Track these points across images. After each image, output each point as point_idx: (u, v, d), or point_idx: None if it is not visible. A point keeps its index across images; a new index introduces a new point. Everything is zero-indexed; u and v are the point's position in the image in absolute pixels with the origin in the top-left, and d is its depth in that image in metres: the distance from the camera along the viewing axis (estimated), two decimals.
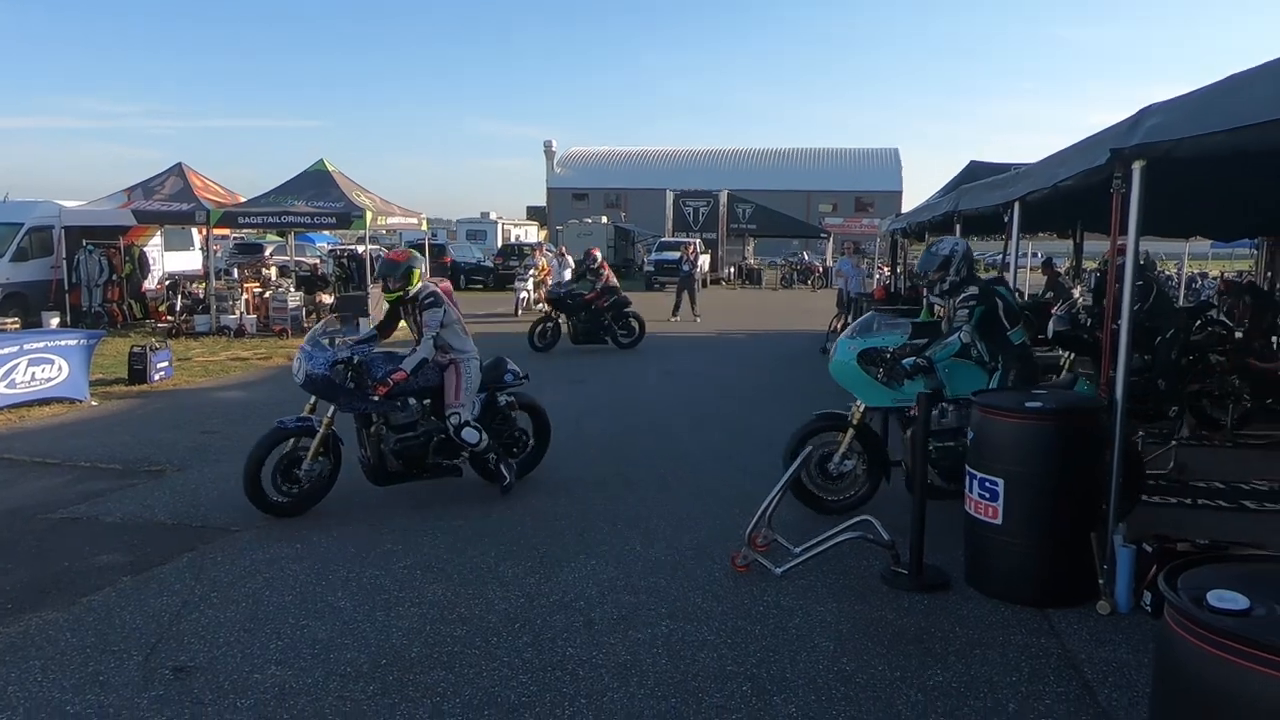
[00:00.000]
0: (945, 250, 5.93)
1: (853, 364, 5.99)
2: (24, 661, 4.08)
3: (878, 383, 5.95)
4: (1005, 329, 5.80)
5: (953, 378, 5.90)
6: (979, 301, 5.72)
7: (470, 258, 33.59)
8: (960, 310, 5.74)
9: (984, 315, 5.75)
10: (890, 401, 6.03)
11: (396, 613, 4.65)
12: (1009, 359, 5.79)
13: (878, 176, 63.80)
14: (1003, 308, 5.78)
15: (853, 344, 6.07)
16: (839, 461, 6.15)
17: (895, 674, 4.02)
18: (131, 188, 18.59)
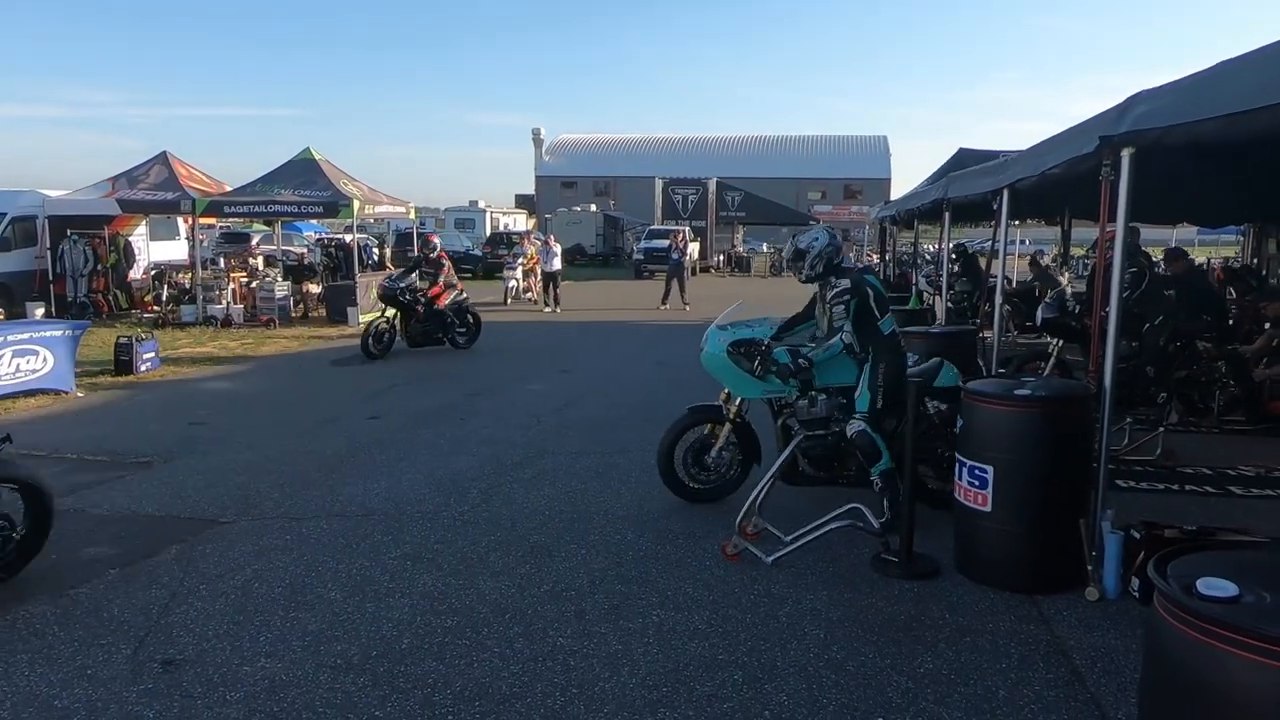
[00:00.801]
0: (803, 244, 5.89)
1: (723, 355, 5.90)
2: (11, 655, 4.05)
3: (749, 374, 5.86)
4: (876, 319, 5.74)
5: (822, 368, 5.83)
6: (852, 294, 5.67)
7: (459, 246, 33.47)
8: (836, 306, 5.71)
9: (857, 307, 5.70)
10: (761, 393, 5.97)
11: (387, 604, 4.64)
12: (880, 349, 5.72)
13: (867, 164, 63.76)
14: (873, 297, 5.73)
15: (722, 335, 5.98)
16: (716, 454, 6.14)
17: (885, 661, 4.04)
18: (116, 177, 18.43)
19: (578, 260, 40.04)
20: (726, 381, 6.03)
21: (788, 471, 5.89)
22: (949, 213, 9.98)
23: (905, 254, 20.10)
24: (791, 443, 5.81)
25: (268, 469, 7.19)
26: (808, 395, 5.84)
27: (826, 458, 5.89)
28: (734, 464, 6.20)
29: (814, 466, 5.94)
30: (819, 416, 5.82)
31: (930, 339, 7.98)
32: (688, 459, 6.16)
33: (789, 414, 5.94)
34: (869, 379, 5.67)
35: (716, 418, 6.15)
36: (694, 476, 6.20)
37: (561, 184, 65.07)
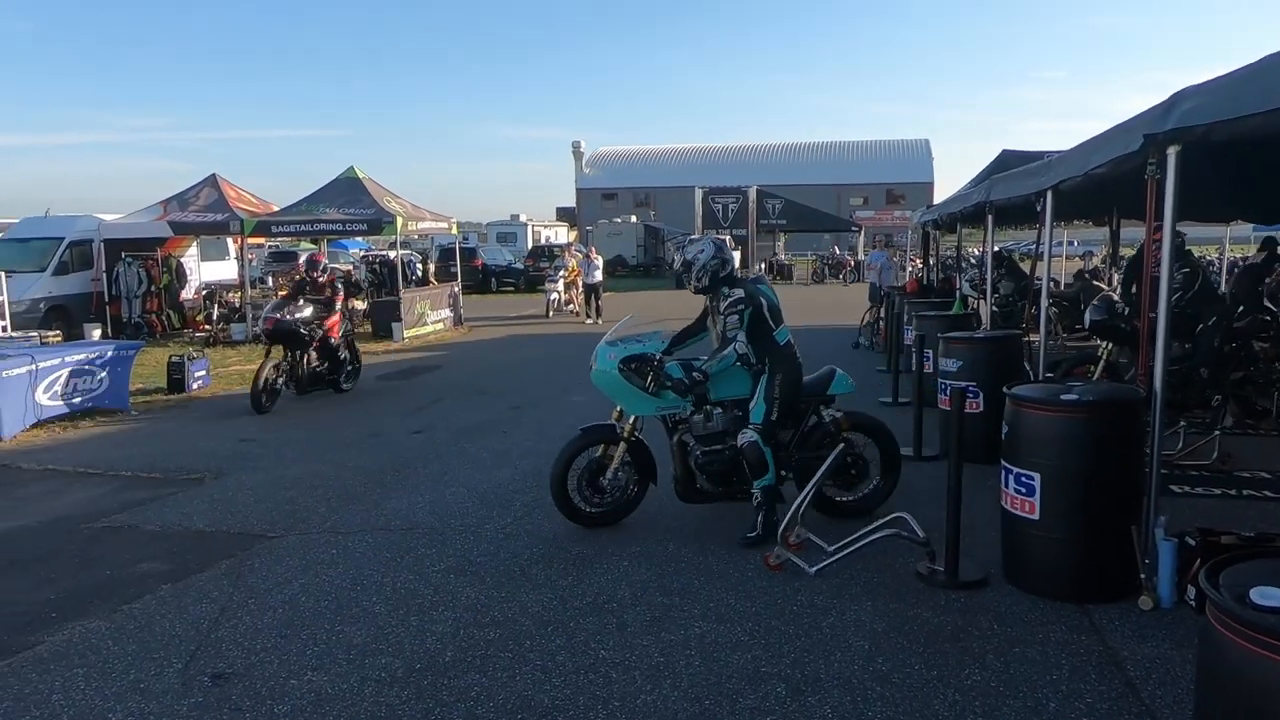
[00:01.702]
0: (690, 255, 5.81)
1: (614, 373, 5.73)
2: (68, 669, 4.15)
3: (642, 391, 5.69)
4: (771, 329, 5.68)
5: (717, 381, 5.73)
6: (746, 304, 5.58)
7: (501, 260, 33.77)
8: (730, 317, 5.58)
9: (751, 317, 5.60)
10: (655, 410, 5.83)
11: (430, 617, 4.67)
12: (776, 360, 5.66)
13: (909, 168, 63.17)
14: (766, 306, 5.66)
15: (612, 351, 5.81)
16: (612, 475, 5.92)
17: (932, 673, 3.97)
18: (167, 199, 18.90)
19: (619, 271, 40.17)
20: (619, 399, 5.86)
21: (684, 489, 5.86)
22: (992, 215, 9.81)
23: (948, 258, 19.83)
24: (686, 458, 5.77)
25: (315, 484, 7.30)
26: (703, 410, 5.75)
27: (725, 473, 5.79)
28: (630, 484, 5.99)
29: (712, 482, 5.83)
30: (715, 431, 5.74)
31: (975, 344, 7.86)
32: (582, 482, 5.90)
33: (684, 430, 5.82)
34: (765, 390, 5.62)
35: (611, 437, 5.92)
36: (589, 500, 5.94)
37: (602, 196, 65.41)
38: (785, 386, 5.64)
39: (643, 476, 6.00)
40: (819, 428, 5.98)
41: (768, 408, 5.60)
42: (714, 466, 5.77)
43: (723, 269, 5.76)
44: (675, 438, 5.86)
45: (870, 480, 6.13)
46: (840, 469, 5.96)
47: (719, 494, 5.88)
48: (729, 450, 5.70)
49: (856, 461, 6.06)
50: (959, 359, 7.59)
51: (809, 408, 5.96)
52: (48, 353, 9.88)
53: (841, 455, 5.65)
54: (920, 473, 7.28)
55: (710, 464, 5.76)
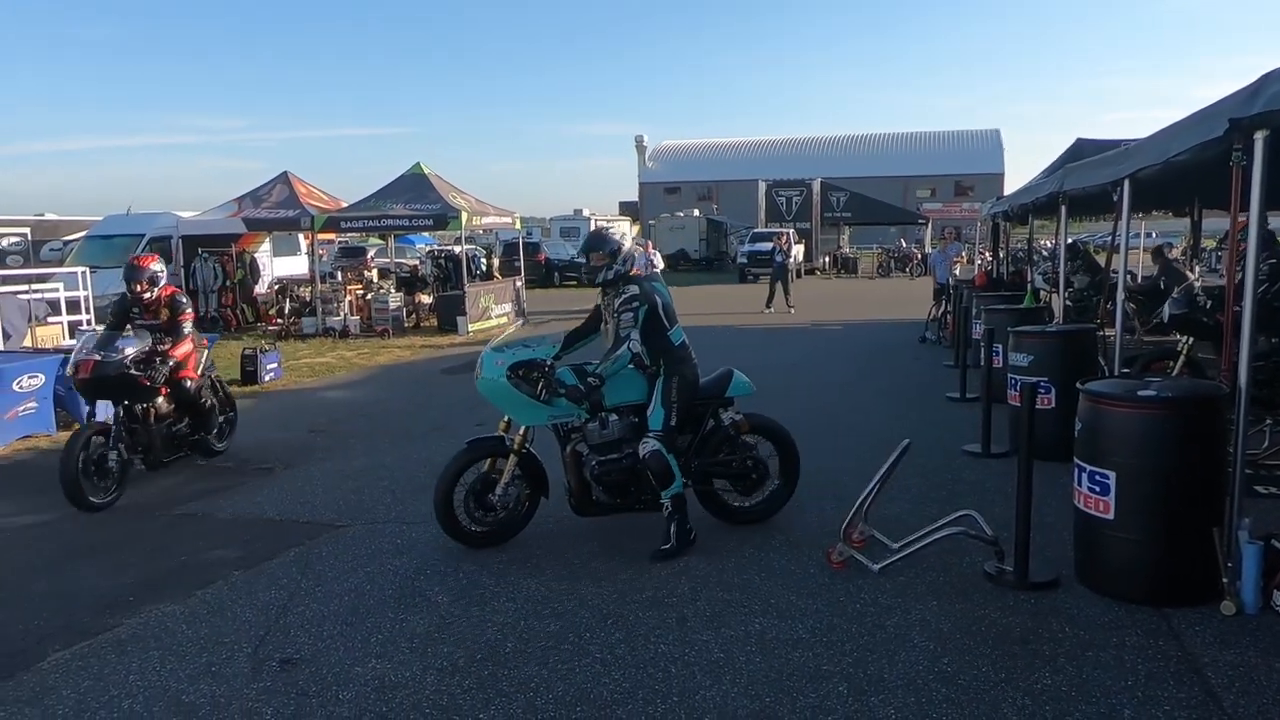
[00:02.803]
0: (618, 236, 5.52)
1: (503, 381, 5.35)
2: (144, 651, 4.28)
3: (532, 400, 5.35)
4: (666, 328, 5.42)
5: (611, 385, 5.41)
6: (641, 301, 5.28)
7: (564, 255, 33.98)
8: (624, 314, 5.27)
9: (646, 314, 5.31)
10: (547, 419, 5.47)
11: (492, 607, 4.71)
12: (671, 361, 5.42)
13: (978, 159, 61.79)
14: (661, 305, 5.39)
15: (500, 358, 5.44)
16: (502, 490, 5.51)
17: (1000, 676, 3.86)
18: (241, 197, 19.43)
19: (681, 266, 40.10)
20: (508, 409, 5.51)
21: (579, 502, 5.55)
22: (1065, 206, 9.52)
23: (1019, 251, 19.34)
24: (581, 469, 5.47)
25: (380, 475, 7.43)
26: (598, 417, 5.43)
27: (623, 483, 5.50)
28: (522, 499, 5.62)
29: (610, 493, 5.53)
30: (611, 439, 5.43)
31: (1047, 338, 7.64)
32: (470, 500, 5.47)
33: (578, 439, 5.50)
34: (661, 394, 5.38)
35: (499, 450, 5.53)
36: (477, 518, 5.52)
37: (665, 190, 65.33)
38: (683, 389, 5.40)
39: (534, 490, 5.64)
40: (718, 431, 5.74)
41: (666, 413, 5.36)
42: (611, 477, 5.45)
43: (626, 262, 5.48)
44: (569, 447, 5.50)
45: (769, 484, 5.89)
46: (741, 474, 5.78)
47: (616, 505, 5.58)
48: (627, 459, 5.41)
49: (757, 466, 5.82)
50: (1030, 353, 7.38)
51: (707, 411, 5.71)
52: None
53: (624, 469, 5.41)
54: (988, 470, 7.12)
55: (607, 474, 5.44)
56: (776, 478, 5.90)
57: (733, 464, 5.77)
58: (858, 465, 6.85)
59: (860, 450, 7.64)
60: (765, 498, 5.90)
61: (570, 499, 5.58)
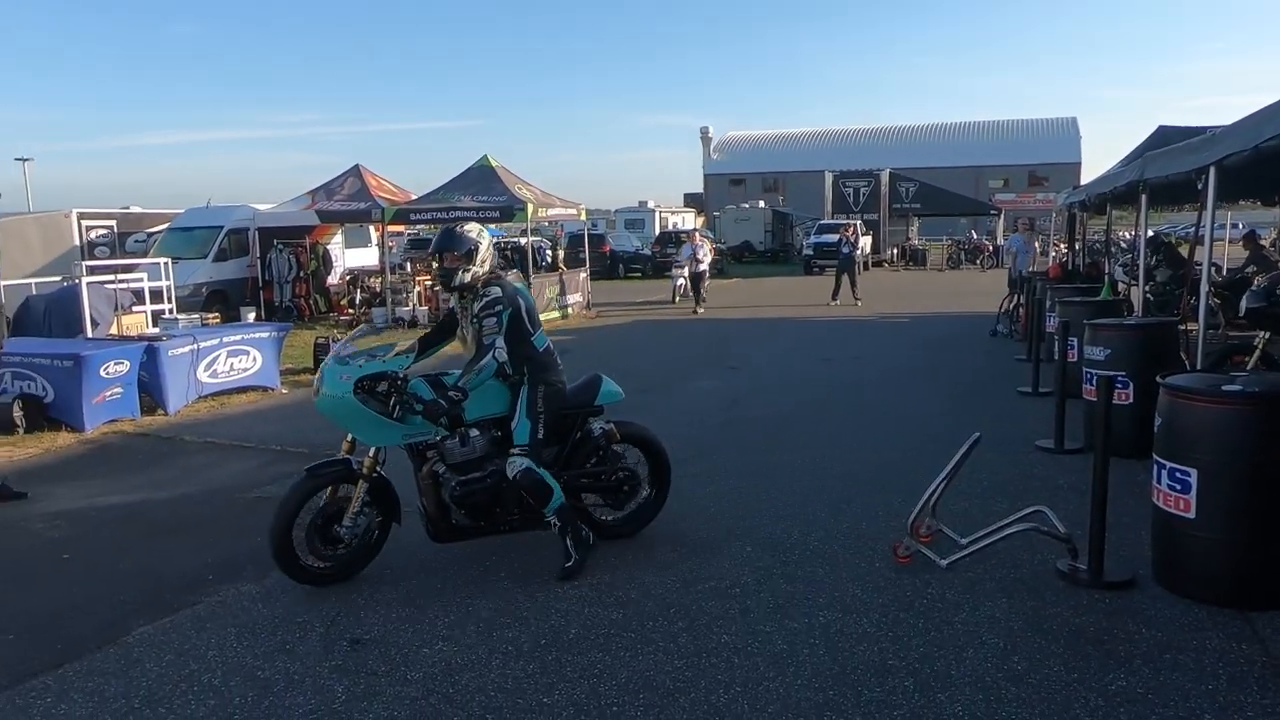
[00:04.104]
0: (473, 235, 4.99)
1: (348, 397, 4.72)
2: (222, 629, 4.43)
3: (383, 417, 4.77)
4: (529, 333, 5.04)
5: (470, 398, 4.89)
6: (505, 304, 4.88)
7: (628, 247, 34.04)
8: (486, 319, 4.83)
9: (511, 319, 4.93)
10: (401, 439, 4.87)
11: (555, 594, 4.76)
12: (537, 369, 5.05)
13: (1054, 148, 60.12)
14: (525, 308, 5.04)
15: (344, 371, 4.80)
16: (351, 521, 4.89)
17: (1072, 676, 3.77)
18: (315, 190, 19.87)
19: (746, 257, 39.85)
20: (355, 430, 4.87)
21: (437, 527, 5.03)
22: (1146, 195, 9.21)
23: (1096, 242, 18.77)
24: (439, 491, 4.95)
25: None
26: (457, 433, 4.91)
27: (487, 504, 5.01)
28: (372, 528, 5.03)
29: (472, 516, 5.03)
30: (473, 457, 4.94)
31: (1125, 331, 7.41)
32: (313, 535, 4.83)
33: (435, 458, 4.95)
34: (526, 405, 4.98)
35: (345, 476, 4.91)
36: (322, 554, 4.89)
37: (730, 181, 65.04)
38: (549, 400, 5.02)
39: (386, 517, 5.08)
40: (587, 442, 5.36)
41: (533, 425, 4.95)
42: (474, 498, 4.95)
43: (482, 264, 5.01)
44: (425, 468, 4.94)
45: (640, 495, 5.55)
46: (613, 486, 5.45)
47: (480, 529, 5.09)
48: (491, 478, 4.93)
49: (629, 477, 5.48)
50: (1107, 347, 7.17)
51: (575, 420, 5.32)
52: (208, 334, 10.57)
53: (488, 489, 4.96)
54: (1061, 466, 6.94)
55: (469, 495, 4.94)
56: (647, 487, 5.57)
57: (603, 476, 5.41)
58: (925, 459, 6.74)
59: (928, 444, 7.52)
60: (635, 509, 5.56)
61: (426, 524, 5.06)
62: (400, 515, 5.10)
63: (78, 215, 20.43)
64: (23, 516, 6.34)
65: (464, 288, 4.99)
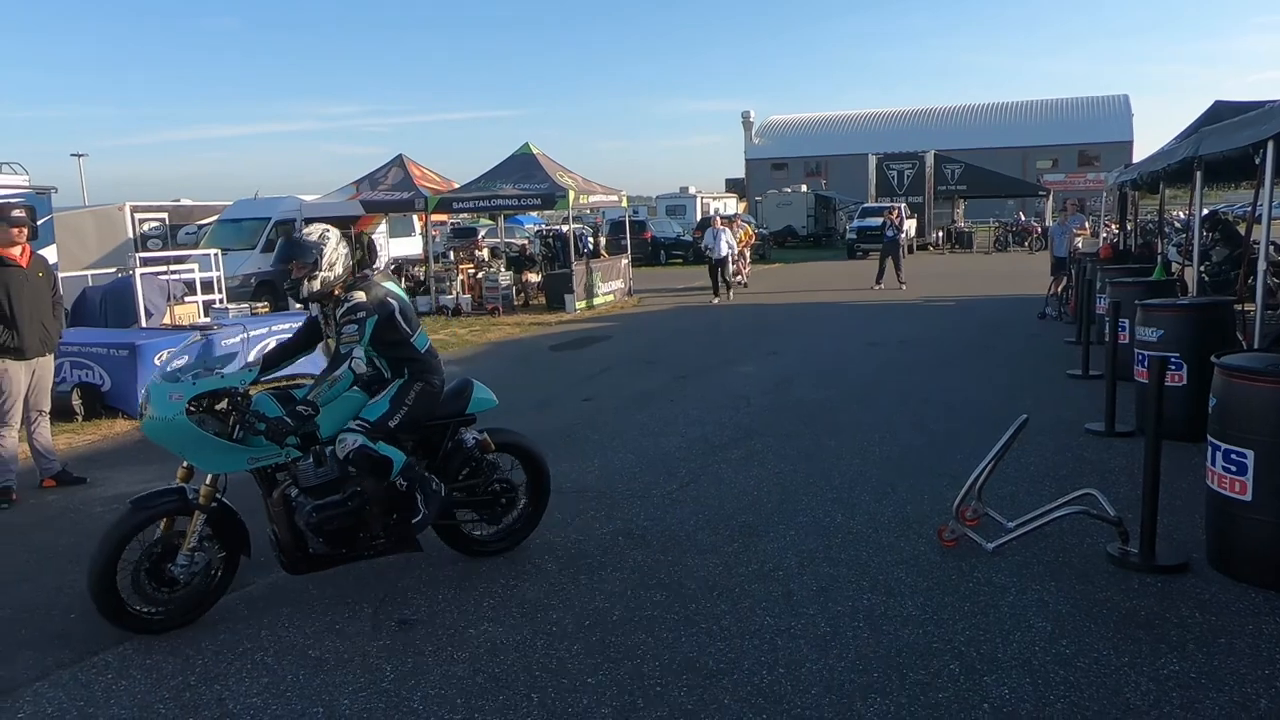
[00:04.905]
0: (315, 238, 4.53)
1: (181, 419, 4.15)
2: (275, 609, 4.53)
3: (224, 440, 4.26)
4: (408, 335, 4.65)
5: (331, 412, 4.45)
6: (370, 310, 4.45)
7: (670, 233, 33.96)
8: (346, 326, 4.40)
9: (380, 325, 4.52)
10: (246, 463, 4.34)
11: (599, 576, 4.79)
12: (418, 370, 4.67)
13: (1104, 127, 58.72)
14: (399, 309, 4.60)
15: (176, 389, 4.21)
16: (187, 558, 4.28)
17: (1123, 660, 3.71)
18: (359, 180, 20.09)
19: (789, 243, 39.57)
20: (191, 455, 4.29)
21: (290, 558, 4.48)
22: (1201, 172, 8.96)
23: (1148, 222, 18.32)
24: (292, 517, 4.41)
25: None
26: (312, 452, 4.42)
27: (349, 529, 4.53)
28: (214, 565, 4.43)
29: (333, 543, 4.52)
30: (331, 478, 4.45)
31: (1178, 311, 7.23)
32: (141, 576, 4.23)
33: (288, 481, 4.45)
34: (395, 392, 4.60)
35: (179, 507, 4.31)
36: (153, 597, 4.27)
37: (772, 166, 64.54)
38: (422, 398, 4.65)
39: (231, 550, 4.48)
40: (459, 453, 4.94)
41: (390, 409, 4.55)
42: (334, 524, 4.46)
43: (331, 269, 4.53)
44: (275, 492, 4.43)
45: (517, 507, 5.19)
46: (488, 500, 5.05)
47: (342, 556, 4.59)
48: (353, 500, 4.49)
49: (506, 490, 5.10)
50: (1160, 328, 7.01)
51: (446, 430, 4.91)
52: (257, 323, 10.76)
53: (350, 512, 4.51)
54: (1111, 450, 6.82)
55: (328, 521, 4.44)
56: (525, 499, 5.21)
57: (478, 488, 5.01)
58: (971, 443, 6.67)
59: (974, 428, 7.43)
60: (512, 523, 5.19)
61: (278, 555, 4.52)
62: (249, 547, 4.51)
63: (131, 209, 20.92)
64: (83, 501, 6.53)
65: (317, 297, 4.57)
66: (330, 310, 4.60)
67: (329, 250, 4.52)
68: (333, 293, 4.55)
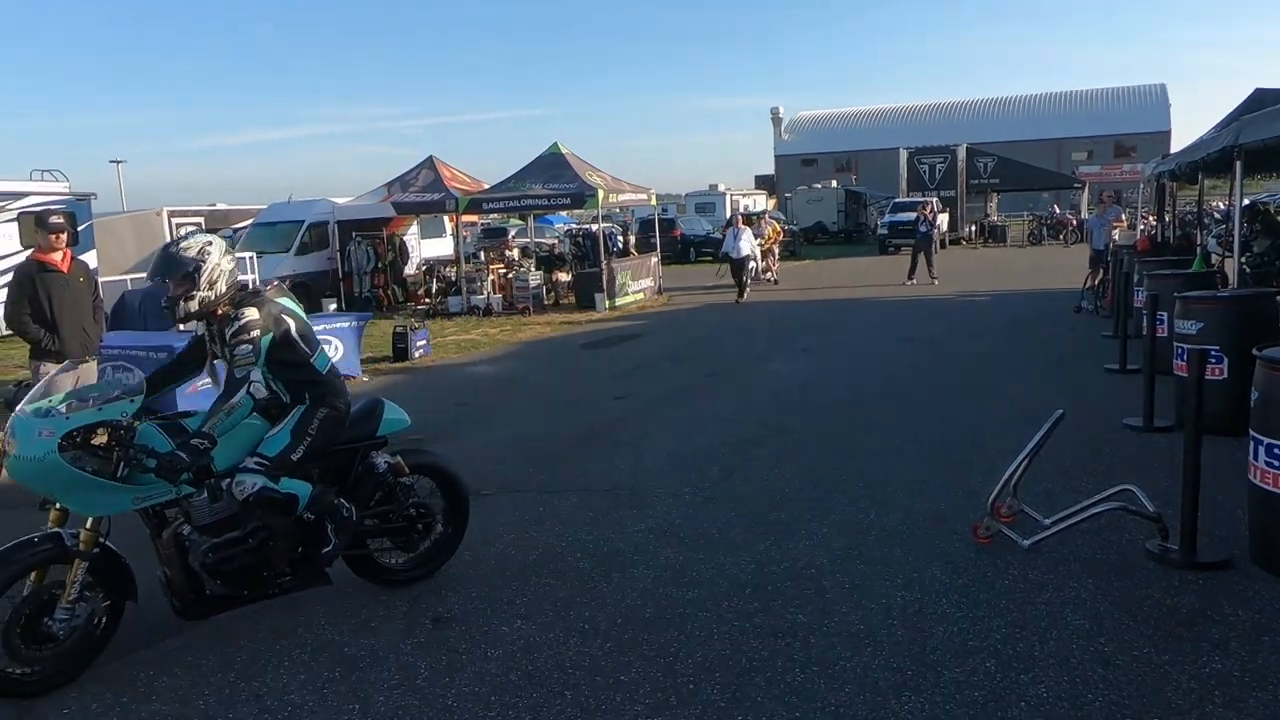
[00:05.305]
0: (193, 253, 4.03)
1: (53, 457, 3.67)
2: (310, 607, 4.58)
3: (104, 479, 3.78)
4: (307, 356, 4.24)
5: (228, 443, 4.03)
6: (263, 329, 4.04)
7: (699, 230, 33.89)
8: (240, 348, 3.95)
9: (276, 345, 4.12)
10: (132, 503, 3.89)
11: (630, 575, 4.80)
12: (321, 394, 4.24)
13: (1141, 117, 57.74)
14: (296, 328, 4.20)
15: (45, 425, 3.73)
16: (68, 610, 3.83)
17: (1163, 658, 3.65)
18: (390, 182, 20.27)
19: (819, 239, 39.31)
20: (66, 498, 3.82)
21: (184, 602, 4.04)
22: (1240, 162, 8.78)
23: (1187, 213, 18.00)
24: (185, 558, 3.99)
25: (523, 446, 7.66)
26: (207, 486, 3.99)
27: (252, 567, 4.13)
28: (98, 615, 3.97)
29: (232, 584, 4.12)
30: (228, 514, 4.03)
31: (1218, 304, 7.10)
32: (13, 635, 3.74)
33: (180, 519, 4.02)
34: (297, 421, 4.16)
35: (55, 555, 3.84)
36: (26, 656, 3.78)
37: (801, 162, 64.19)
38: (327, 425, 4.21)
39: (116, 598, 4.03)
40: (370, 478, 4.56)
41: (293, 441, 4.10)
42: (234, 563, 4.06)
43: (212, 286, 4.07)
44: (165, 531, 3.98)
45: (434, 532, 4.84)
46: (404, 527, 4.69)
47: (243, 598, 4.19)
48: (254, 536, 4.08)
49: (423, 515, 4.74)
50: (1199, 320, 6.88)
51: (355, 456, 4.52)
52: None
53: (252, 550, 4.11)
54: (1150, 445, 6.71)
55: (227, 561, 4.04)
56: (442, 523, 4.87)
57: (392, 515, 4.65)
58: (1006, 438, 6.58)
59: (1009, 422, 7.34)
60: (429, 549, 4.85)
61: (170, 598, 4.06)
62: (135, 591, 4.06)
63: (168, 213, 21.28)
64: None
65: (197, 316, 4.13)
66: (218, 329, 4.15)
67: (209, 266, 4.04)
68: (215, 312, 4.12)
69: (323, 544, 4.31)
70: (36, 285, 6.58)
